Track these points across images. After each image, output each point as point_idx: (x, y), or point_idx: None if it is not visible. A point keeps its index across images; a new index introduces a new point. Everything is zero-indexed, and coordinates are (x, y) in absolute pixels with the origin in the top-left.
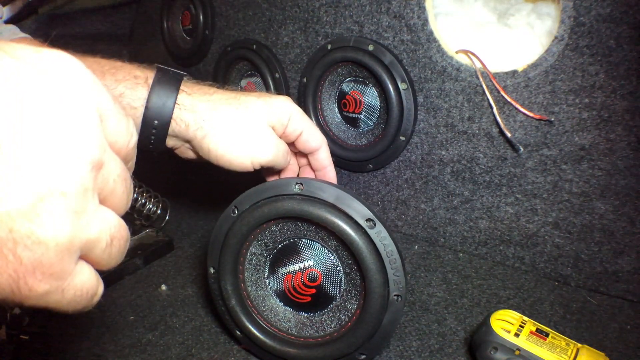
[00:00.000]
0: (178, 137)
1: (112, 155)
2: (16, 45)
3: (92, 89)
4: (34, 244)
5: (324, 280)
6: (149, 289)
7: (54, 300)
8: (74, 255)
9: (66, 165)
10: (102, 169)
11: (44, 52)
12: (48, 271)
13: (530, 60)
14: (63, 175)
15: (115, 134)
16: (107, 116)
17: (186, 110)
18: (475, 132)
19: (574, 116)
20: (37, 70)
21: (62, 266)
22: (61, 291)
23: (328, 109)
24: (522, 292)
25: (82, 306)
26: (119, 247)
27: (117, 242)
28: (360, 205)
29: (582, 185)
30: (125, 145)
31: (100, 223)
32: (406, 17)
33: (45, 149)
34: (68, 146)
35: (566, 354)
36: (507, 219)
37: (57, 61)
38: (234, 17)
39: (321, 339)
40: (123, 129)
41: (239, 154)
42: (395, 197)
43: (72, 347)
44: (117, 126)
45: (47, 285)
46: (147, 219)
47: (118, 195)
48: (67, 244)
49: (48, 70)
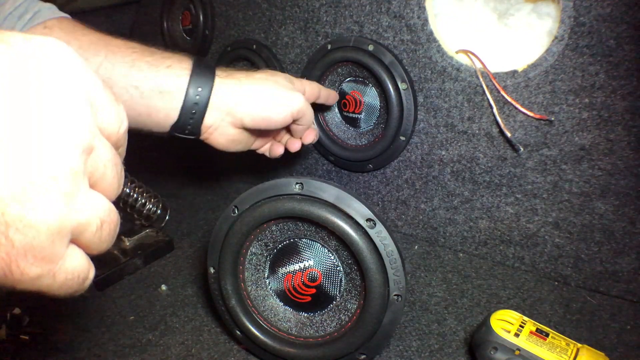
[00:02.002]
0: (217, 110)
1: (103, 140)
2: (8, 32)
3: (82, 74)
4: (25, 227)
5: (324, 280)
6: (149, 289)
7: (46, 283)
8: (65, 238)
9: (56, 149)
10: (92, 153)
11: (34, 39)
12: (39, 254)
13: (530, 60)
14: (53, 159)
15: (105, 119)
16: (98, 102)
17: (224, 85)
18: (475, 132)
19: (574, 116)
20: (28, 56)
21: (53, 249)
22: (52, 275)
23: (328, 109)
24: (522, 292)
25: (74, 290)
26: (110, 230)
27: (108, 225)
28: (361, 205)
29: (582, 185)
30: (116, 130)
31: (90, 207)
32: (406, 17)
33: (35, 133)
34: (58, 130)
35: (566, 354)
36: (507, 219)
37: (48, 47)
38: (234, 17)
39: (321, 339)
40: (113, 115)
41: (277, 105)
42: (395, 197)
43: (72, 347)
44: (108, 112)
45: (38, 268)
46: (147, 219)
47: (109, 180)
48: (57, 227)
49: (39, 55)
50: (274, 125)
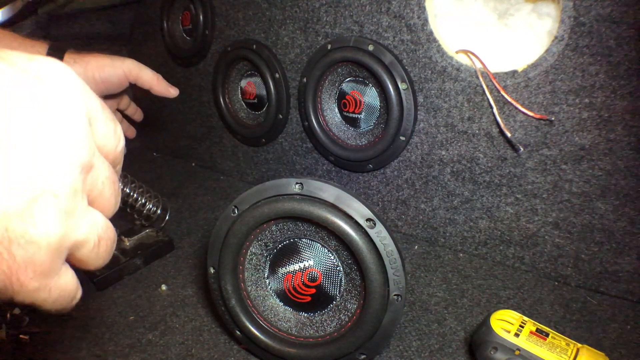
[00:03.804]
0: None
1: (101, 159)
2: (12, 53)
3: (82, 94)
4: (27, 243)
5: (324, 280)
6: (149, 289)
7: (42, 297)
8: (63, 255)
9: (58, 167)
10: (91, 171)
11: (37, 59)
12: (39, 269)
13: (530, 60)
14: (55, 177)
15: (103, 138)
16: (96, 121)
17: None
18: (475, 132)
19: (574, 116)
20: (31, 76)
21: (52, 265)
22: (48, 289)
23: (328, 109)
24: (522, 292)
25: (63, 306)
26: (106, 247)
27: (105, 242)
28: (360, 205)
29: (582, 185)
30: (114, 149)
31: (88, 224)
32: (406, 17)
33: (38, 152)
34: (59, 149)
35: (566, 354)
36: (507, 219)
37: (50, 68)
38: (234, 17)
39: (321, 339)
40: (111, 134)
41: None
42: (395, 197)
43: (72, 347)
44: (106, 130)
45: (37, 282)
46: (147, 219)
47: (106, 197)
48: (57, 243)
49: (41, 76)
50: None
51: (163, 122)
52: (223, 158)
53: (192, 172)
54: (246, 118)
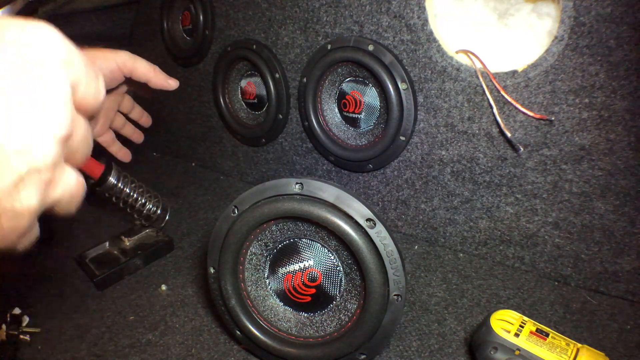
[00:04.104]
0: None
1: (79, 120)
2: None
3: (68, 60)
4: (14, 216)
5: (324, 280)
6: (149, 289)
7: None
8: (39, 213)
9: (41, 144)
10: (70, 138)
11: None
12: (21, 232)
13: (530, 60)
14: (38, 154)
15: (85, 94)
16: (80, 82)
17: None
18: (475, 132)
19: (574, 116)
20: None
21: (30, 226)
22: (23, 242)
23: (328, 109)
24: (522, 292)
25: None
26: (77, 200)
27: (76, 198)
28: (360, 205)
29: (582, 185)
30: (93, 103)
31: (63, 185)
32: (406, 17)
33: (23, 130)
34: (43, 126)
35: (566, 354)
36: (507, 219)
37: (38, 35)
38: (234, 17)
39: (321, 339)
40: (93, 89)
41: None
42: (395, 197)
43: (72, 347)
44: (88, 87)
45: (16, 240)
46: (147, 219)
47: (80, 153)
48: (37, 210)
49: (31, 43)
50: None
51: (163, 122)
52: (223, 158)
53: (192, 172)
54: (246, 118)
